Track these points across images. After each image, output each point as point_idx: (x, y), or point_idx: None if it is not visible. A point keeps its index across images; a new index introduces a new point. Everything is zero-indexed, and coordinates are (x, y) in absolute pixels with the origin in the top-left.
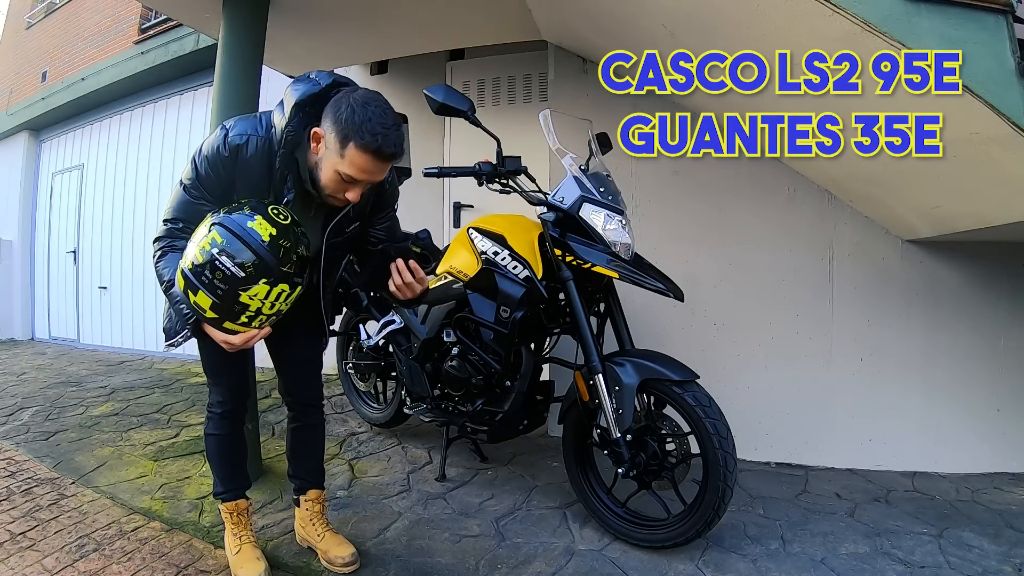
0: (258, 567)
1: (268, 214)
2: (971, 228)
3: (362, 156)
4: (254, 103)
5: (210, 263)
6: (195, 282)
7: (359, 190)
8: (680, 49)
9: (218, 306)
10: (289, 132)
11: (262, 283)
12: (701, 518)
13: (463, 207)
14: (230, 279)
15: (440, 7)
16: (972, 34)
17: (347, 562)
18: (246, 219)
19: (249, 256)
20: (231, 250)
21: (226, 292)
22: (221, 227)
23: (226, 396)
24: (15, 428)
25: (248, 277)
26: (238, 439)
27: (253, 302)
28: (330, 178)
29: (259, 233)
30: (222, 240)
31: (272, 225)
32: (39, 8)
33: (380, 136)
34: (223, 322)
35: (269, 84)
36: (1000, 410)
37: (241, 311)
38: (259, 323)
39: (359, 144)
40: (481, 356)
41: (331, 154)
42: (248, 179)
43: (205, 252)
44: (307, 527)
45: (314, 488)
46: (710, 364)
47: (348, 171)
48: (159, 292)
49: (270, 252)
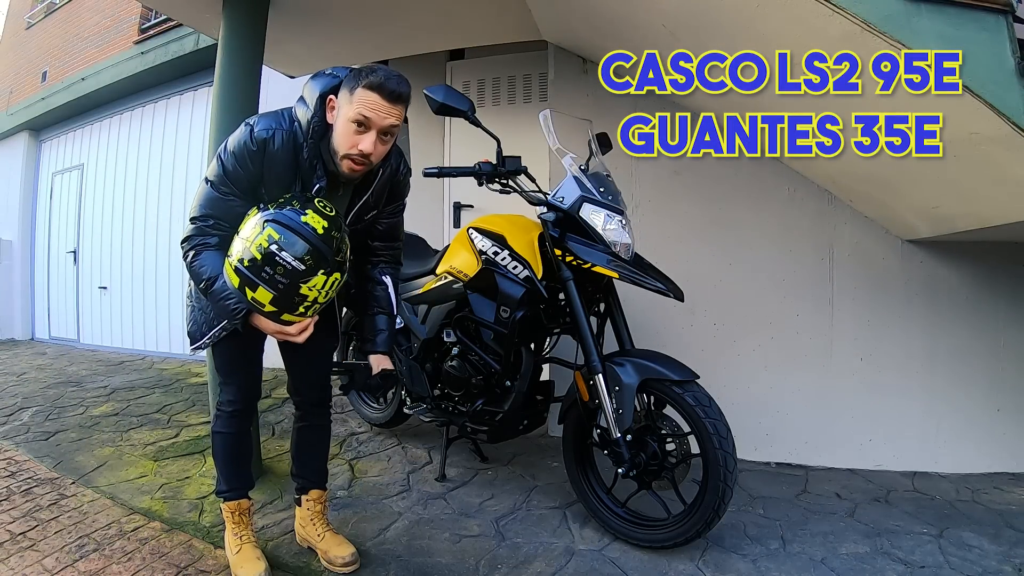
0: (258, 567)
1: (317, 207)
2: (971, 228)
3: (369, 93)
4: (254, 103)
5: (270, 258)
6: (254, 278)
7: (372, 138)
8: (680, 49)
9: (278, 299)
10: (315, 122)
11: (320, 274)
12: (701, 518)
13: (463, 207)
14: (291, 272)
15: (440, 7)
16: (972, 34)
17: (347, 562)
18: (298, 214)
19: (307, 249)
20: (289, 244)
21: (288, 285)
22: (275, 223)
23: (237, 395)
24: (15, 428)
25: (308, 269)
26: (245, 438)
27: (312, 292)
28: (344, 131)
29: (313, 226)
30: (279, 236)
31: (323, 218)
32: (39, 8)
33: (383, 75)
34: (281, 314)
35: (269, 84)
36: (1000, 410)
37: (300, 302)
38: (313, 312)
39: (365, 83)
40: (481, 356)
41: (343, 106)
42: (275, 171)
43: (262, 248)
44: (307, 527)
45: (316, 488)
46: (710, 364)
47: (358, 110)
48: (159, 292)
49: (325, 243)
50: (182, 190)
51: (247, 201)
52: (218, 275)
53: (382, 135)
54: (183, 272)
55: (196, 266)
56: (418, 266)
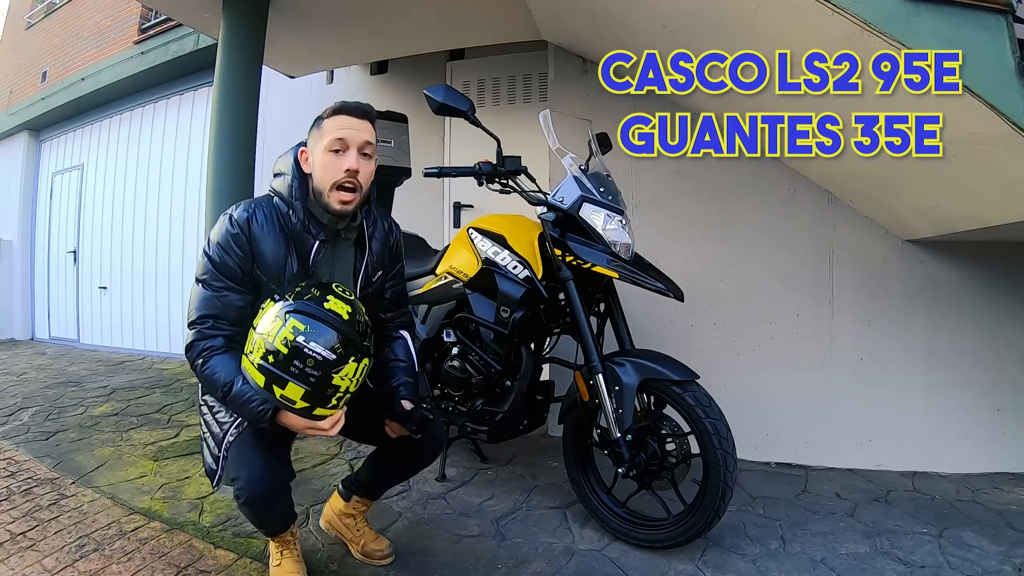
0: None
1: (338, 293)
2: (971, 228)
3: (335, 117)
4: (254, 103)
5: (297, 351)
6: (282, 374)
7: (354, 155)
8: (680, 49)
9: (310, 394)
10: (296, 183)
11: (352, 361)
12: (701, 518)
13: (463, 207)
14: (322, 364)
15: (440, 7)
16: (972, 34)
17: (386, 555)
18: (321, 302)
19: (336, 336)
20: (317, 334)
21: (319, 378)
22: (299, 313)
23: (247, 484)
24: (15, 428)
25: (339, 358)
26: (275, 508)
27: (343, 382)
28: (324, 164)
29: (338, 312)
30: (305, 326)
31: (346, 303)
32: (39, 8)
33: (341, 103)
34: (314, 409)
35: (269, 84)
36: (1000, 410)
37: (332, 394)
38: (344, 402)
39: (329, 113)
40: (481, 356)
41: (315, 147)
42: (266, 247)
43: (288, 342)
44: (346, 520)
45: (371, 499)
46: (710, 364)
47: (332, 135)
48: (159, 292)
49: (352, 329)
50: (182, 190)
51: (244, 292)
52: (234, 379)
53: (362, 154)
54: (183, 272)
55: (208, 374)
56: (418, 266)
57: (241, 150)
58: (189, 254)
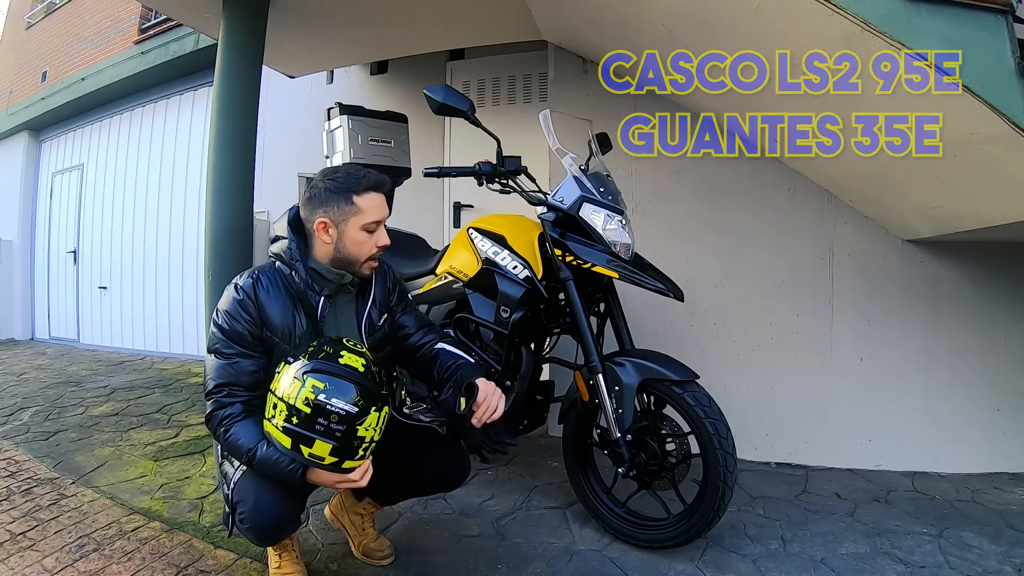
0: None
1: (349, 347)
2: (971, 228)
3: (371, 196)
4: (254, 103)
5: (320, 409)
6: (308, 433)
7: (383, 232)
8: (680, 49)
9: (338, 449)
10: (295, 245)
11: (373, 411)
12: (701, 518)
13: (463, 207)
14: (346, 418)
15: (440, 7)
16: (972, 34)
17: (386, 555)
18: (335, 358)
19: (356, 390)
20: (337, 391)
21: (345, 432)
22: (316, 372)
23: (258, 519)
24: (15, 428)
25: (362, 410)
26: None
27: (368, 432)
28: (359, 240)
29: (354, 366)
30: (324, 384)
31: (359, 355)
32: (39, 8)
33: (368, 173)
34: (343, 463)
35: (269, 84)
36: (1000, 410)
37: (359, 445)
38: (370, 452)
39: (362, 189)
40: (481, 356)
41: (347, 219)
42: (273, 309)
43: (309, 401)
44: (353, 517)
45: (381, 504)
46: (710, 364)
47: (371, 216)
48: (159, 292)
49: (370, 380)
50: (182, 190)
51: (256, 357)
52: (258, 443)
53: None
54: (183, 272)
55: (231, 441)
56: (418, 266)
57: (241, 150)
58: (189, 254)
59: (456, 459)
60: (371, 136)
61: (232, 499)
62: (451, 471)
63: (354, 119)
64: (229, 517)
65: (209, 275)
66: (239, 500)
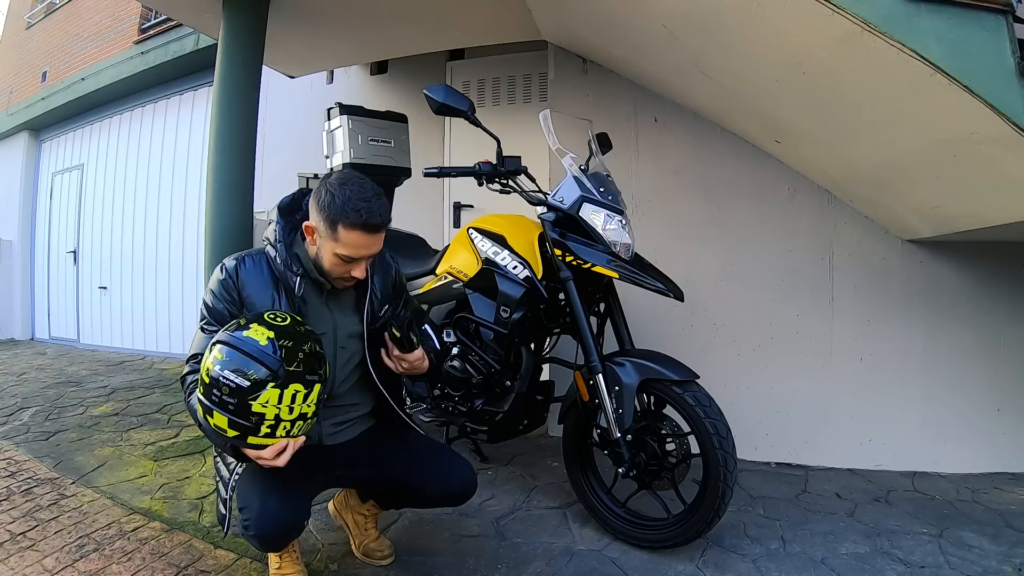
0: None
1: (264, 320)
2: (971, 228)
3: (353, 234)
4: (254, 103)
5: (216, 381)
6: (209, 404)
7: (363, 265)
8: (680, 50)
9: (235, 422)
10: (279, 227)
11: (270, 388)
12: (701, 518)
13: (463, 207)
14: (236, 391)
15: (440, 7)
16: (972, 34)
17: (386, 555)
18: (242, 330)
19: (250, 364)
20: (231, 363)
21: (237, 405)
22: (221, 343)
23: (254, 521)
24: (15, 428)
25: (254, 385)
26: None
27: (268, 409)
28: (332, 263)
29: (255, 339)
30: (223, 355)
31: (269, 328)
32: (39, 8)
33: (364, 211)
34: (246, 438)
35: (269, 84)
36: (1000, 410)
37: (259, 421)
38: (284, 431)
39: (346, 224)
40: (481, 356)
41: (326, 240)
42: (253, 289)
43: (210, 372)
44: (356, 516)
45: (385, 508)
46: (710, 364)
47: (345, 251)
48: (159, 292)
49: (270, 355)
50: (182, 190)
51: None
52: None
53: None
54: (183, 272)
55: (190, 407)
56: (418, 266)
57: (241, 150)
58: (189, 254)
59: (462, 477)
60: (371, 136)
61: (232, 503)
62: (457, 491)
63: (354, 119)
64: (225, 518)
65: (208, 275)
66: (243, 506)
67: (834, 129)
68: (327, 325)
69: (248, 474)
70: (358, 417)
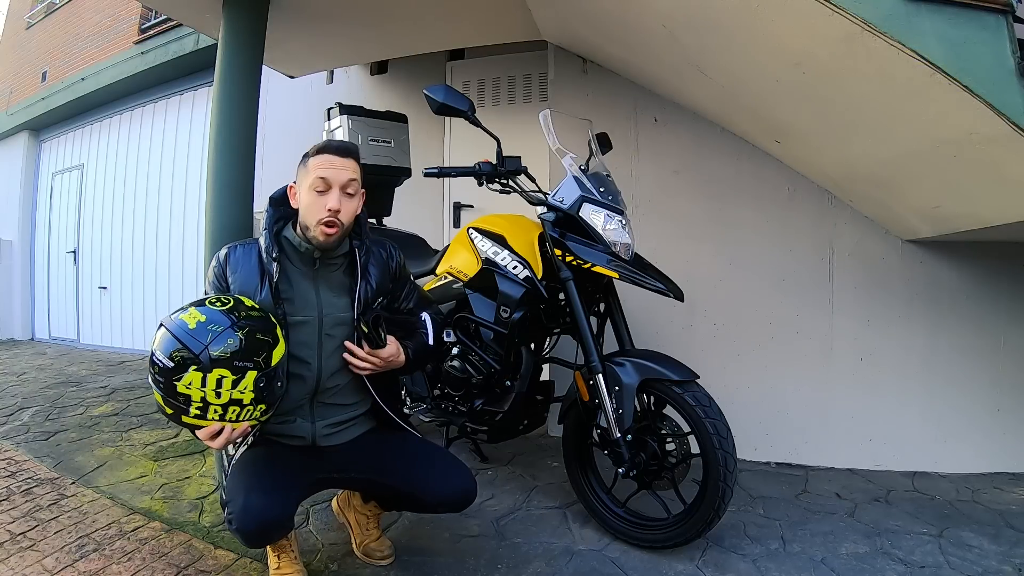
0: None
1: (204, 304)
2: (971, 228)
3: (319, 157)
4: (254, 103)
5: (151, 360)
6: (150, 382)
7: (336, 195)
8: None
9: (167, 400)
10: (267, 219)
11: (192, 370)
12: (701, 518)
13: (463, 207)
14: (162, 371)
15: (440, 7)
16: (972, 34)
17: (386, 555)
18: (179, 312)
19: (174, 345)
20: (164, 344)
21: (165, 385)
22: (161, 326)
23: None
24: (15, 428)
25: (177, 366)
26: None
27: (192, 391)
28: (310, 203)
29: (186, 322)
30: (159, 338)
31: (203, 313)
32: (39, 8)
33: (325, 142)
34: (179, 417)
35: (269, 84)
36: (1000, 410)
37: (186, 402)
38: (216, 415)
39: (314, 152)
40: (481, 356)
41: (302, 184)
42: (239, 276)
43: (152, 351)
44: (359, 516)
45: (387, 509)
46: (710, 364)
47: (316, 174)
48: (159, 292)
49: (194, 338)
50: (182, 190)
51: None
52: None
53: (345, 192)
54: (183, 272)
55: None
56: (418, 266)
57: (241, 150)
58: (189, 254)
59: (462, 486)
60: (371, 136)
61: (222, 496)
62: (456, 499)
63: (354, 119)
64: (225, 501)
65: None
66: (229, 500)
67: (834, 129)
68: (313, 311)
69: (238, 468)
70: (355, 418)
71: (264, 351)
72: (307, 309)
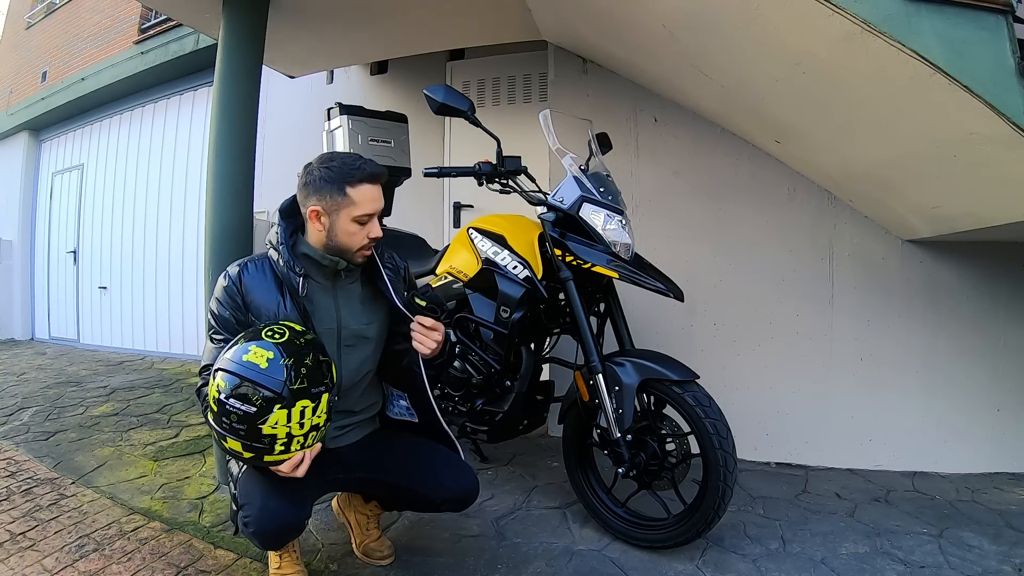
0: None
1: (263, 339)
2: (971, 228)
3: (363, 188)
4: (254, 103)
5: (223, 408)
6: (220, 429)
7: (376, 223)
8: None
9: (248, 446)
10: (281, 232)
11: (277, 410)
12: (701, 518)
13: (463, 207)
14: (244, 418)
15: (440, 7)
16: (972, 34)
17: (386, 555)
18: (241, 353)
19: (253, 390)
20: (235, 389)
21: (247, 431)
22: (222, 370)
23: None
24: (15, 428)
25: (260, 410)
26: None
27: (278, 430)
28: (350, 231)
29: (256, 363)
30: (225, 383)
31: (267, 349)
32: (39, 8)
33: (363, 166)
34: (262, 457)
35: (269, 84)
36: (1000, 410)
37: (271, 442)
38: (299, 445)
39: (354, 181)
40: (481, 356)
41: (339, 210)
42: (258, 294)
43: (216, 399)
44: (359, 516)
45: (387, 509)
46: (710, 364)
47: (363, 209)
48: (159, 292)
49: (272, 377)
50: (182, 190)
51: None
52: None
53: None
54: (183, 272)
55: (209, 424)
56: (418, 266)
57: (241, 150)
58: (189, 254)
59: (464, 485)
60: (371, 136)
61: (237, 499)
62: (458, 498)
63: (354, 119)
64: (237, 515)
65: (209, 275)
66: (244, 503)
67: (834, 129)
68: (332, 323)
69: (250, 471)
70: (361, 421)
71: (328, 370)
72: (327, 321)
